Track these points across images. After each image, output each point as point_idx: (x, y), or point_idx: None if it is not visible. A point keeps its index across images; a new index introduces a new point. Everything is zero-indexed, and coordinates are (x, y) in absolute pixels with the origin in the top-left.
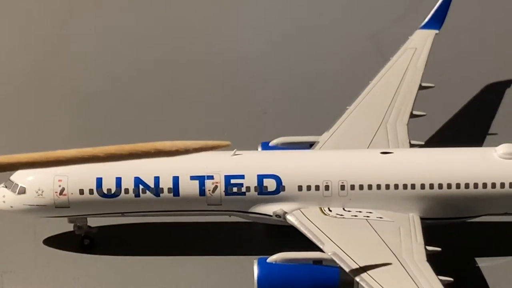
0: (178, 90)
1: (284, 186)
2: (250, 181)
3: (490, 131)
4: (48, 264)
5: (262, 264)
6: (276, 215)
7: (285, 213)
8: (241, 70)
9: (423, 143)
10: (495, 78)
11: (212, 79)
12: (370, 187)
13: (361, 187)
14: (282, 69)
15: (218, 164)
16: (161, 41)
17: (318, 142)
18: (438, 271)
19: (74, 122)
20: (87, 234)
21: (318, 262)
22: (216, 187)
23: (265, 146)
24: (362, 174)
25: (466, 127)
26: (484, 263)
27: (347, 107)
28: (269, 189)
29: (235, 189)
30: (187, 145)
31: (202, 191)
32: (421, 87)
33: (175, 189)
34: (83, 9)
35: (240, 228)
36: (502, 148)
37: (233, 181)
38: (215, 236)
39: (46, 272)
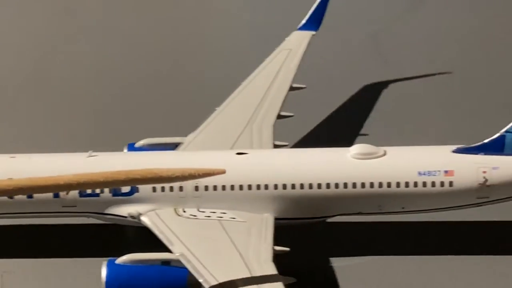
0: (177, 90)
1: (138, 187)
2: None
3: (361, 132)
4: (48, 264)
5: (111, 266)
6: (131, 217)
7: (140, 214)
8: (241, 71)
9: (287, 144)
10: (367, 80)
11: (212, 79)
12: (224, 187)
13: (215, 188)
14: None
15: (73, 166)
16: (158, 40)
17: (183, 143)
18: (289, 271)
19: (71, 122)
20: None
21: (167, 263)
22: None
23: (131, 148)
24: None
25: (338, 127)
26: (338, 263)
27: (216, 108)
28: (123, 190)
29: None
30: (184, 171)
31: (56, 193)
32: (292, 88)
33: None
34: (82, 9)
35: (98, 230)
36: (355, 149)
37: None
38: (67, 238)
39: (46, 272)
